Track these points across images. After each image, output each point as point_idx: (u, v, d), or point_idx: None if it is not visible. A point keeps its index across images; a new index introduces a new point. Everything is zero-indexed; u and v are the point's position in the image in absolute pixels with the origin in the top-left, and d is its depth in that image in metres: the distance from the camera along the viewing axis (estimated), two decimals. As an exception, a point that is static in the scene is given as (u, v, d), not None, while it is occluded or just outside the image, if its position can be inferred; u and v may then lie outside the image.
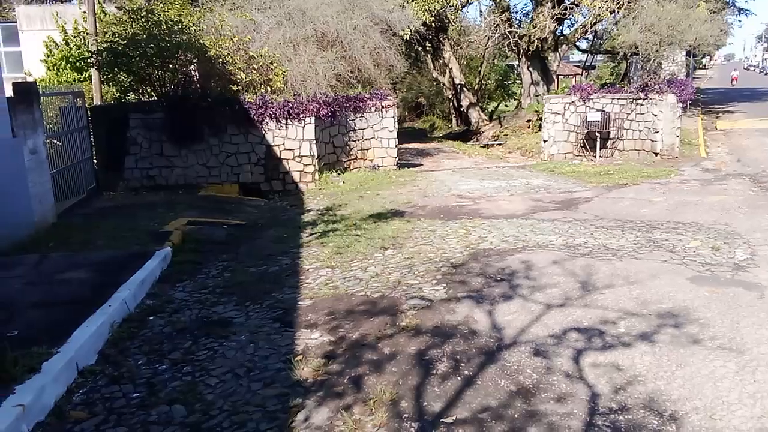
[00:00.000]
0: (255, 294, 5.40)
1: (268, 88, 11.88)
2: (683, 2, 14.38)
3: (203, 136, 11.18)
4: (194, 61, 11.79)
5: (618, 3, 15.88)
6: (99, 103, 13.71)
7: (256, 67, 11.84)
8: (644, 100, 13.75)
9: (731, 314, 4.56)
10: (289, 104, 11.28)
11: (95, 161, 11.08)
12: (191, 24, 11.45)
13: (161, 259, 6.22)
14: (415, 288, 5.43)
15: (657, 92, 13.57)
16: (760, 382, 3.58)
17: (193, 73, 12.12)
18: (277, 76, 11.90)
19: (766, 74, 74.59)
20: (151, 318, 4.91)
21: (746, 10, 30.32)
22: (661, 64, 14.80)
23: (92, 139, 10.95)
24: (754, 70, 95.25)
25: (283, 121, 11.34)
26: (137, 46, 10.81)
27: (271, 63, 11.93)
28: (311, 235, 7.61)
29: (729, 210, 8.17)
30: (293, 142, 11.47)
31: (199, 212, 8.86)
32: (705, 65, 68.87)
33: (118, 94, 12.56)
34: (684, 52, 19.52)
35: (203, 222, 8.17)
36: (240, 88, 11.65)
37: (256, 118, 11.17)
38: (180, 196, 10.20)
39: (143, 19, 11.18)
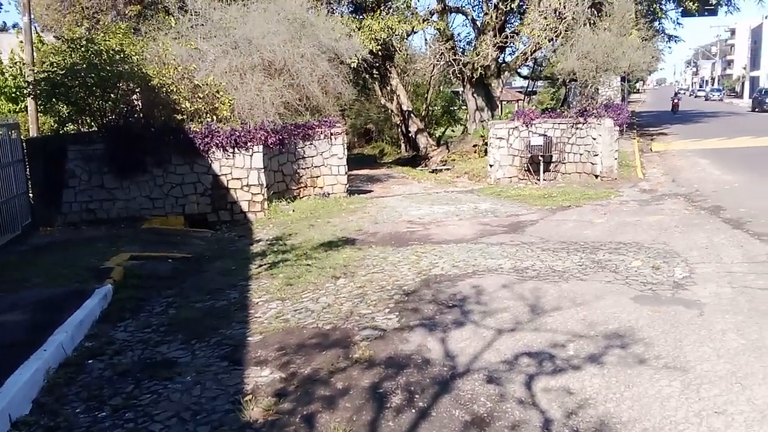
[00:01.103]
0: (202, 331, 5.23)
1: (214, 116, 11.72)
2: (617, 31, 15.10)
3: (146, 166, 10.88)
4: (137, 90, 11.53)
5: (556, 32, 16.54)
6: (36, 134, 13.19)
7: (201, 96, 11.67)
8: (583, 124, 14.28)
9: (674, 333, 4.71)
10: (236, 133, 11.14)
11: (31, 196, 10.61)
12: (134, 53, 11.21)
13: (101, 298, 5.96)
14: (367, 318, 5.37)
15: (595, 116, 14.13)
16: (704, 399, 3.69)
17: (135, 102, 11.84)
18: (223, 104, 11.76)
19: (696, 97, 79.04)
20: (90, 361, 4.67)
21: (675, 36, 32.10)
22: (598, 89, 15.43)
23: (28, 173, 10.49)
24: (684, 93, 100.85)
25: (230, 150, 11.17)
26: (76, 76, 10.50)
27: (217, 91, 11.79)
28: (261, 266, 7.47)
29: (666, 229, 8.50)
30: (241, 171, 11.31)
31: (142, 246, 8.57)
32: (639, 90, 72.43)
33: (56, 126, 12.12)
34: (619, 78, 20.42)
35: (146, 256, 7.89)
36: (185, 117, 11.45)
37: (201, 148, 10.97)
38: (122, 230, 9.85)
39: (83, 49, 10.87)
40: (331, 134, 13.22)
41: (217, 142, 11.01)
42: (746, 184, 12.27)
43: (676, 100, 41.77)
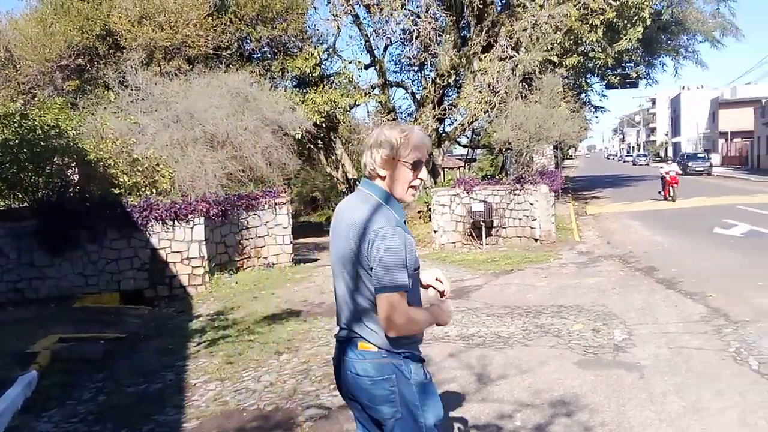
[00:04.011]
0: (133, 418, 4.90)
1: (154, 189, 11.50)
2: (547, 103, 16.01)
3: (80, 242, 10.45)
4: (73, 165, 11.24)
5: (490, 104, 17.39)
6: (-40, 210, 12.53)
7: (140, 170, 11.48)
8: (521, 190, 14.81)
9: (616, 397, 4.76)
10: (177, 205, 10.93)
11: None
12: (70, 128, 11.00)
13: (25, 386, 5.54)
14: (312, 396, 5.19)
15: (531, 183, 14.71)
16: (648, 465, 3.70)
17: (71, 177, 11.51)
18: (163, 177, 11.59)
19: (624, 162, 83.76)
20: (8, 459, 4.28)
21: (601, 107, 34.52)
22: (532, 157, 16.14)
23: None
24: (613, 158, 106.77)
25: (170, 223, 10.91)
26: (8, 152, 10.17)
27: (157, 165, 11.64)
28: (199, 344, 7.16)
29: (604, 291, 8.75)
30: (181, 244, 11.01)
31: (73, 327, 8.10)
32: (571, 156, 76.37)
33: (-17, 202, 11.58)
34: (551, 146, 21.49)
35: (77, 338, 7.45)
36: (123, 190, 11.19)
37: (140, 222, 10.66)
38: (52, 310, 9.32)
39: (16, 125, 10.58)
40: (276, 204, 13.17)
41: (156, 215, 10.75)
42: (675, 244, 12.90)
43: (673, 173, 21.96)
